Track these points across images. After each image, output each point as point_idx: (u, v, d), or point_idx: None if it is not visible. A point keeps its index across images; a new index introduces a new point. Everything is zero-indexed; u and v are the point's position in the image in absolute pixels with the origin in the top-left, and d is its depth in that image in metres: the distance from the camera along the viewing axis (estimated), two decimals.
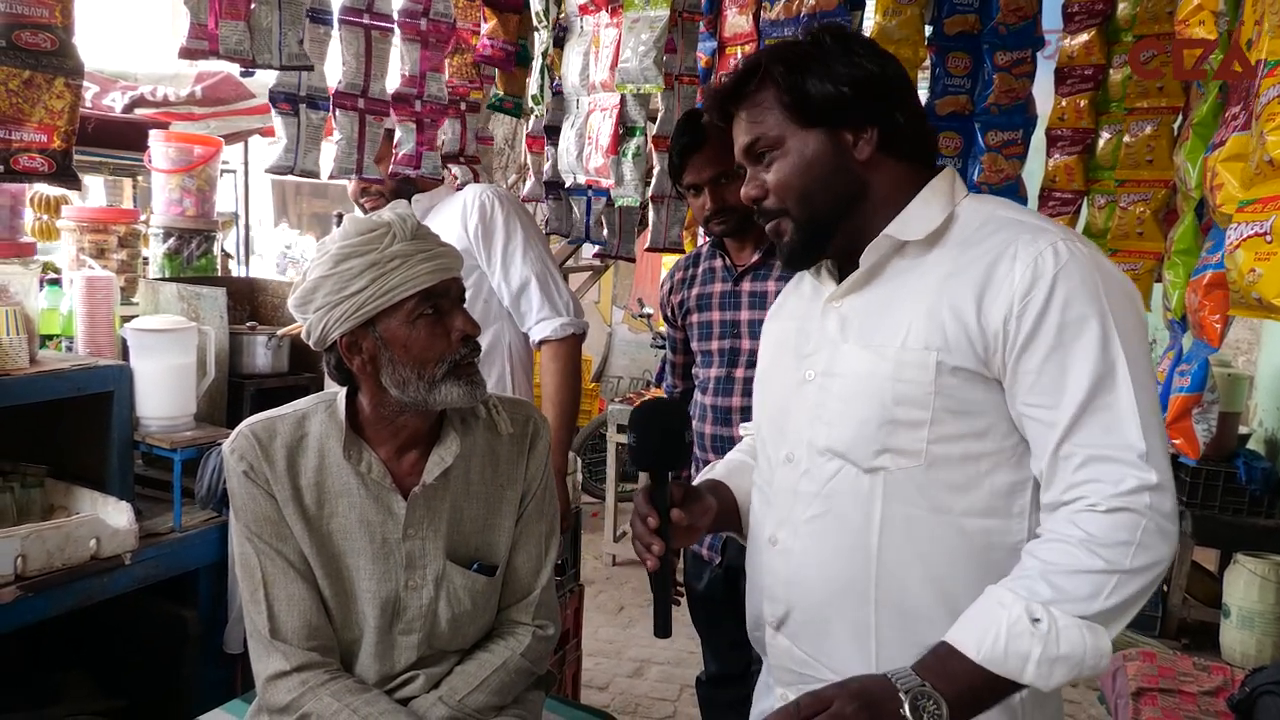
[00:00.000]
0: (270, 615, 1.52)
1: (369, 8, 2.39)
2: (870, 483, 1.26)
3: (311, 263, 1.50)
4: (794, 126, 1.30)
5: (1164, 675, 2.86)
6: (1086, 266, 1.18)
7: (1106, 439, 1.14)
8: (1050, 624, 1.10)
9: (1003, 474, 1.23)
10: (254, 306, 3.14)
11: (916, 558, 1.25)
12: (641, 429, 1.40)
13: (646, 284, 8.61)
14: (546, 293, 2.50)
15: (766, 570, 1.39)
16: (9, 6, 1.66)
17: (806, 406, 1.34)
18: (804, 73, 1.29)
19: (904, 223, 1.30)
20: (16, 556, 1.93)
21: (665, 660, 4.13)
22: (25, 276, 2.26)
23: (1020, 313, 1.17)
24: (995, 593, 1.16)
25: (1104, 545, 1.12)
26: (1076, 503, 1.15)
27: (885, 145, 1.31)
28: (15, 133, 1.69)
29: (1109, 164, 2.68)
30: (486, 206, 2.49)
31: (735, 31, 3.02)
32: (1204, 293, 1.60)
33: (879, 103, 1.30)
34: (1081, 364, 1.15)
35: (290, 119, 2.34)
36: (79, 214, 3.14)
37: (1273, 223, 1.22)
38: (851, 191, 1.32)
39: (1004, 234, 1.23)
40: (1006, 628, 1.11)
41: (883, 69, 1.31)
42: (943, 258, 1.26)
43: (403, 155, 2.57)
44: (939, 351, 1.21)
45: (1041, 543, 1.17)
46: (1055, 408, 1.16)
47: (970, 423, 1.23)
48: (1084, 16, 2.72)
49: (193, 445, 2.35)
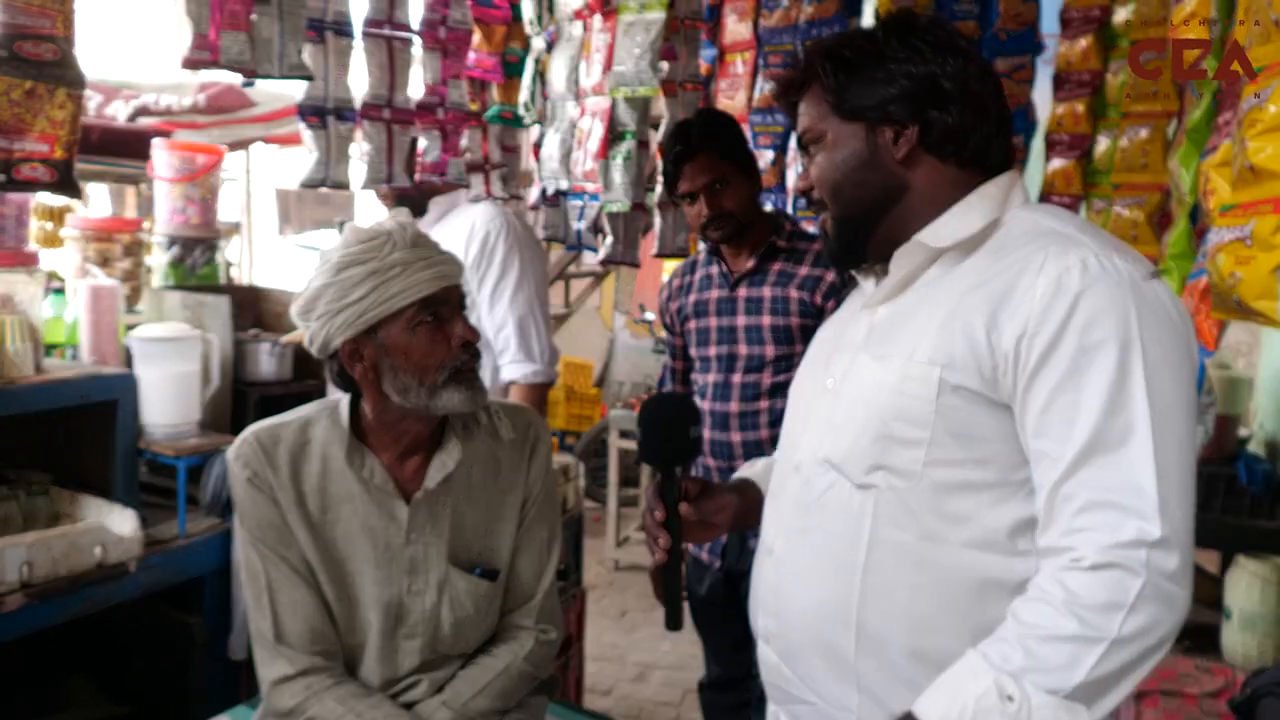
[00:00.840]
0: (275, 620, 1.54)
1: (390, 18, 2.42)
2: (861, 500, 1.19)
3: (314, 270, 1.52)
4: (835, 120, 1.26)
5: (1165, 677, 2.86)
6: (1120, 285, 1.06)
7: (1111, 481, 1.02)
8: (1022, 702, 0.99)
9: (1008, 509, 1.12)
10: (258, 314, 3.15)
11: (903, 586, 1.16)
12: (649, 424, 1.40)
13: (648, 289, 8.60)
14: (524, 338, 2.58)
15: (763, 580, 1.35)
16: (11, 17, 1.66)
17: (821, 415, 1.29)
18: (847, 67, 1.24)
19: (936, 229, 1.22)
20: (22, 564, 1.94)
21: (668, 665, 4.13)
22: (30, 285, 2.27)
23: (1035, 332, 1.07)
24: (971, 658, 1.06)
25: (1087, 607, 1.00)
26: (1064, 554, 1.04)
27: (929, 145, 1.23)
28: (17, 143, 1.70)
29: (1106, 168, 2.69)
30: (490, 237, 2.55)
31: (735, 39, 3.04)
32: (1199, 297, 1.61)
33: (926, 101, 1.22)
34: (1095, 394, 1.04)
35: (320, 132, 2.35)
36: (83, 223, 3.16)
37: (1253, 227, 1.23)
38: (887, 190, 1.25)
39: (1036, 244, 1.13)
40: (974, 702, 1.01)
41: (944, 67, 1.22)
42: (973, 268, 1.18)
43: (428, 163, 2.60)
44: (944, 368, 1.13)
45: (1024, 600, 1.07)
46: (1062, 440, 1.05)
47: (972, 449, 1.13)
48: (1081, 22, 2.74)
49: (197, 452, 2.36)
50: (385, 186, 2.57)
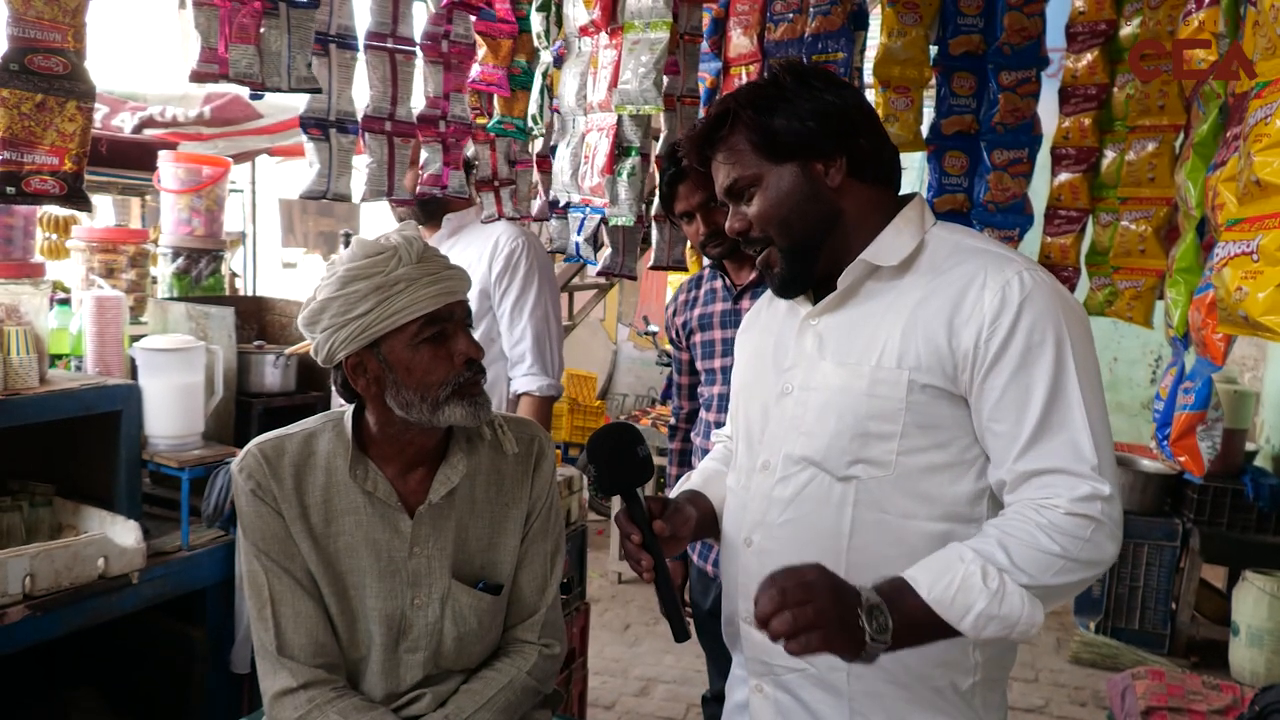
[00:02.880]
0: (278, 632, 1.53)
1: (392, 32, 2.44)
2: (843, 490, 1.36)
3: (320, 282, 1.52)
4: (768, 163, 1.39)
5: (1173, 694, 2.84)
6: (1049, 295, 1.29)
7: (1062, 452, 1.26)
8: (1000, 586, 1.21)
9: (965, 483, 1.34)
10: (262, 325, 3.16)
11: (883, 559, 1.33)
12: (601, 458, 1.46)
13: (651, 302, 8.62)
14: (540, 351, 2.72)
15: (742, 569, 1.48)
16: (22, 31, 1.67)
17: (785, 418, 1.44)
18: (771, 112, 1.38)
19: (878, 249, 1.39)
20: (25, 576, 1.93)
21: (671, 679, 4.12)
22: (36, 296, 2.28)
23: (989, 336, 1.28)
24: (956, 548, 1.26)
25: (1061, 533, 1.23)
26: (1041, 499, 1.25)
27: (855, 171, 1.39)
28: (27, 155, 1.71)
29: (1112, 182, 2.69)
30: (514, 256, 2.69)
31: (740, 52, 3.04)
32: (1207, 311, 1.60)
33: (844, 132, 1.38)
34: (1041, 384, 1.26)
35: (321, 144, 2.37)
36: (89, 234, 3.16)
37: (1259, 242, 1.24)
38: (828, 217, 1.40)
39: (973, 262, 1.33)
40: (961, 578, 1.21)
41: (843, 99, 1.39)
42: (915, 283, 1.36)
43: (429, 175, 2.61)
44: (911, 370, 1.32)
45: (1005, 518, 1.27)
46: (1018, 423, 1.27)
47: (935, 436, 1.33)
48: (1087, 36, 2.73)
49: (200, 464, 2.36)
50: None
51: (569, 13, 2.32)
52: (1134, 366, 6.58)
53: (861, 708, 1.39)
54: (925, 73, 2.88)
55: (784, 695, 1.45)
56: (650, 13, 2.01)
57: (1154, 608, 4.49)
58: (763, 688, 1.48)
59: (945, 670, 1.36)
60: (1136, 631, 4.47)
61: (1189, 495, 4.45)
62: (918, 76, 2.85)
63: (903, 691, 1.37)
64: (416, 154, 2.61)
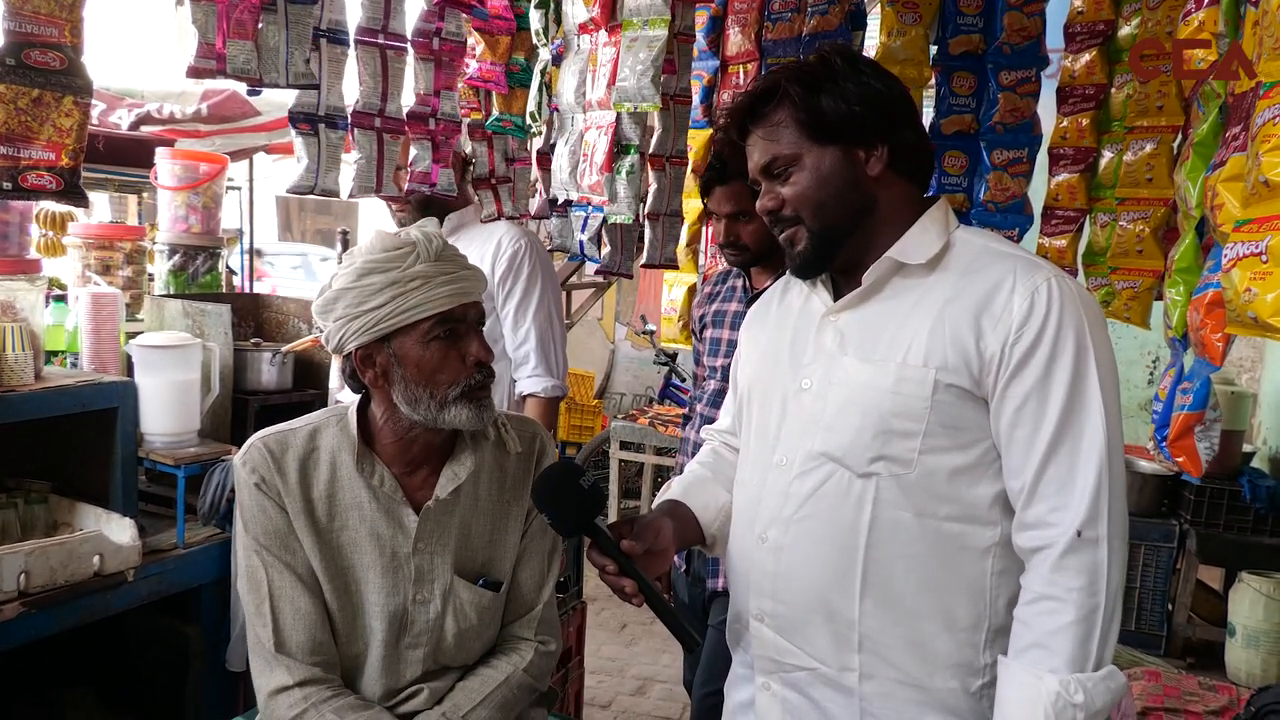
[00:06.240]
0: (275, 628, 1.52)
1: (384, 28, 2.43)
2: (863, 487, 1.35)
3: (338, 271, 1.51)
4: (810, 143, 1.37)
5: (1169, 695, 2.84)
6: (1075, 303, 1.29)
7: (1074, 462, 1.26)
8: (1081, 692, 1.22)
9: (984, 486, 1.33)
10: (258, 323, 3.15)
11: (900, 556, 1.34)
12: (551, 504, 1.41)
13: (649, 301, 8.61)
14: (545, 353, 2.73)
15: (755, 566, 1.46)
16: (19, 25, 1.67)
17: (804, 413, 1.42)
18: (819, 92, 1.35)
19: (905, 246, 1.37)
20: (20, 573, 1.93)
21: (668, 678, 4.12)
22: (31, 293, 2.27)
23: (1015, 341, 1.27)
24: (1015, 672, 1.27)
25: (1071, 590, 1.24)
26: (1044, 550, 1.27)
27: (895, 163, 1.38)
28: (24, 150, 1.70)
29: (1110, 182, 2.69)
30: (517, 257, 2.70)
31: (738, 50, 3.04)
32: (1206, 311, 1.60)
33: (890, 122, 1.37)
34: (1059, 391, 1.26)
35: (310, 139, 2.36)
36: (85, 230, 3.16)
37: (1268, 243, 1.23)
38: (862, 205, 1.39)
39: (1002, 265, 1.32)
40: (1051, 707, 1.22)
41: (889, 89, 1.38)
42: (941, 282, 1.35)
43: (418, 173, 2.60)
44: (938, 370, 1.30)
45: (1029, 609, 1.28)
46: (1037, 430, 1.27)
47: (958, 437, 1.32)
48: (1085, 36, 2.73)
49: (196, 461, 2.35)
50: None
51: (568, 10, 2.31)
52: (1131, 367, 6.59)
53: (872, 708, 1.38)
54: (925, 72, 2.88)
55: (792, 694, 1.44)
56: (649, 10, 2.01)
57: (1150, 609, 4.49)
58: (770, 686, 1.47)
59: (955, 672, 1.35)
60: (1133, 632, 4.47)
61: (1186, 496, 4.46)
62: (917, 76, 2.85)
63: (913, 692, 1.36)
64: (406, 154, 2.60)
